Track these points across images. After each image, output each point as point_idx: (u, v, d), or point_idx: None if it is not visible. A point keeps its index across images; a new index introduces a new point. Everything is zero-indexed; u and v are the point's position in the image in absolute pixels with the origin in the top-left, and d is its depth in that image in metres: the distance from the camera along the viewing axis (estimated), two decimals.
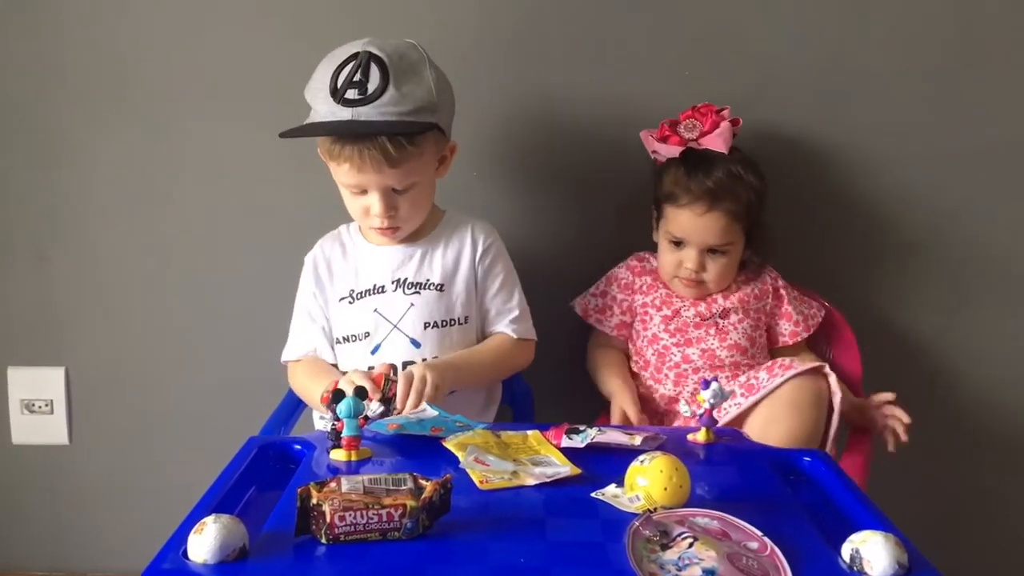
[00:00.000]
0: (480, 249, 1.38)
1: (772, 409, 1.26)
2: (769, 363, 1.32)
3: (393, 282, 1.36)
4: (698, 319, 1.43)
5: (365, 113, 1.22)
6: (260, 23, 1.55)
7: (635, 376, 1.47)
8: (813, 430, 1.27)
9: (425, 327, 1.34)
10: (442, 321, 1.35)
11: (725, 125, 1.40)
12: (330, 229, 1.45)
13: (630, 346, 1.50)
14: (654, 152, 1.45)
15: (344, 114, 1.23)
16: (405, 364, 1.30)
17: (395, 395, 1.17)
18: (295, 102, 1.31)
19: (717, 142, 1.39)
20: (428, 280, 1.36)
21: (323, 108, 1.25)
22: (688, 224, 1.39)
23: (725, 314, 1.43)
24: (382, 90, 1.22)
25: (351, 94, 1.22)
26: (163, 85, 1.57)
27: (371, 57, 1.23)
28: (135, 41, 1.56)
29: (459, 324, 1.36)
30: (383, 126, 1.22)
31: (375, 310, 1.35)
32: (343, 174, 1.29)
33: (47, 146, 1.59)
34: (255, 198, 1.60)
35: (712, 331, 1.43)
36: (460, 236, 1.39)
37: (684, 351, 1.43)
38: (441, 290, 1.36)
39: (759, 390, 1.28)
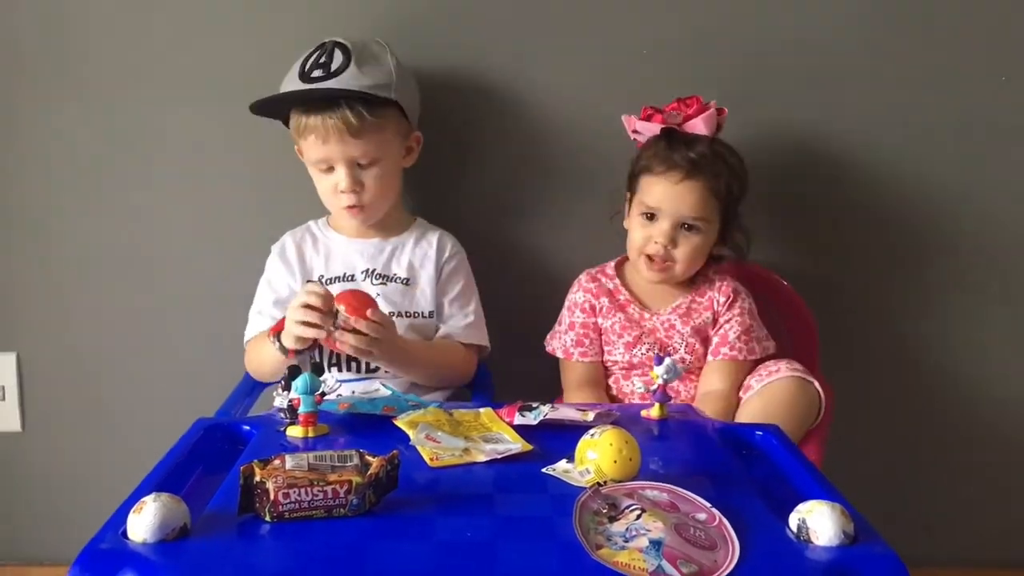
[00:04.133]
0: (446, 255, 1.44)
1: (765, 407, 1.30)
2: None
3: (363, 271, 1.41)
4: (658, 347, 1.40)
5: (327, 86, 1.32)
6: (218, 6, 1.53)
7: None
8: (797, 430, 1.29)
9: (391, 316, 1.34)
10: (407, 312, 1.40)
11: (711, 112, 1.36)
12: (291, 217, 1.47)
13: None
14: (634, 132, 1.42)
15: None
16: None
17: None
18: (255, 85, 1.36)
19: (700, 125, 1.35)
20: (395, 273, 1.42)
21: (291, 88, 1.35)
22: (662, 193, 1.35)
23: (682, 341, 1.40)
24: (343, 68, 1.32)
25: (316, 73, 1.33)
26: (118, 64, 1.54)
27: (336, 44, 1.35)
28: (89, 17, 1.52)
29: (423, 317, 1.41)
30: (341, 93, 1.31)
31: None
32: (309, 148, 1.35)
33: None
34: (215, 183, 1.58)
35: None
36: (428, 240, 1.45)
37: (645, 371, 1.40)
38: (407, 284, 1.41)
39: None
